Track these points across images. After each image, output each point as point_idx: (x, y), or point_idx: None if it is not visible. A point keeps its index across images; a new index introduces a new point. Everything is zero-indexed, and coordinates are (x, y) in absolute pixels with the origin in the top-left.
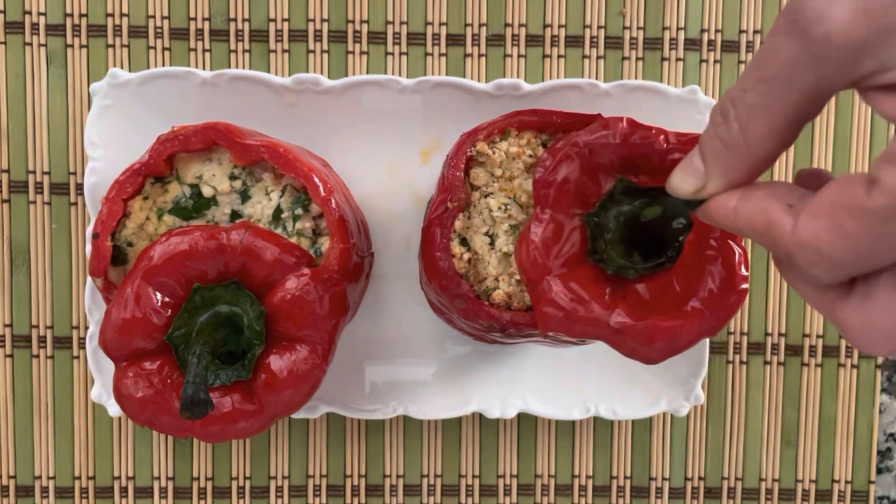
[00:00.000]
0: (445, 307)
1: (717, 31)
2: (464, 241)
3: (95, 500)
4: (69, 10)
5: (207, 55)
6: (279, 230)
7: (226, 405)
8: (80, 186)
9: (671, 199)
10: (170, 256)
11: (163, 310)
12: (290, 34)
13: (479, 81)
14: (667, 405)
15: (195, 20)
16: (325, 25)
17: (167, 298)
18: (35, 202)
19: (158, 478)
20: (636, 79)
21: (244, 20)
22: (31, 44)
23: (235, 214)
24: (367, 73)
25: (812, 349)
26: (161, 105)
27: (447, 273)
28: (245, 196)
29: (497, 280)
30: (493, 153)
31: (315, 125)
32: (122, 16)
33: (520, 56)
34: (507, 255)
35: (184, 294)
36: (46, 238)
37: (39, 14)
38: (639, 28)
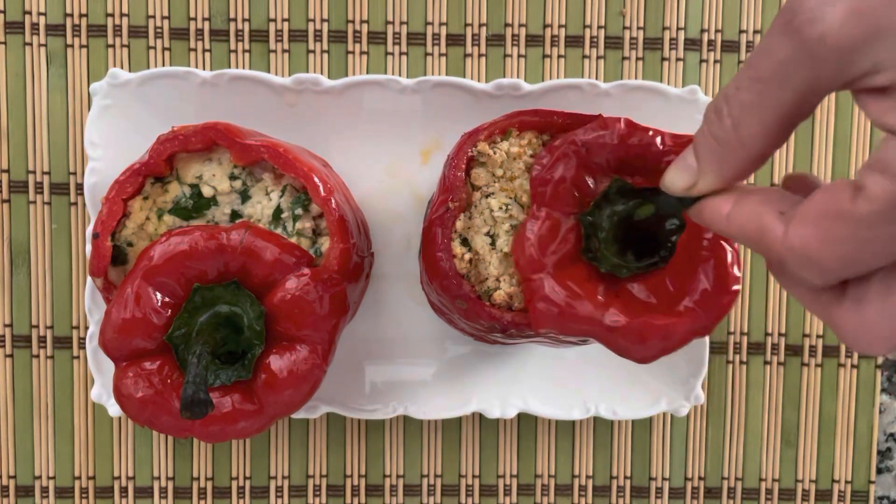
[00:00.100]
0: (446, 307)
1: (717, 31)
2: (465, 242)
3: (95, 500)
4: (69, 10)
5: (207, 55)
6: (279, 230)
7: (226, 405)
8: (80, 186)
9: (664, 199)
10: (170, 256)
11: (163, 310)
12: (290, 34)
13: (479, 81)
14: (667, 405)
15: (195, 20)
16: (325, 25)
17: (167, 298)
18: (35, 202)
19: (158, 478)
20: (636, 79)
21: (244, 20)
22: (31, 44)
23: (235, 214)
24: (367, 73)
25: (812, 349)
26: (161, 105)
27: (448, 273)
28: (245, 196)
29: (498, 280)
30: (495, 153)
31: (315, 125)
32: (122, 16)
33: (520, 56)
34: (509, 256)
35: (184, 294)
36: (46, 238)
37: (39, 14)
38: (639, 28)
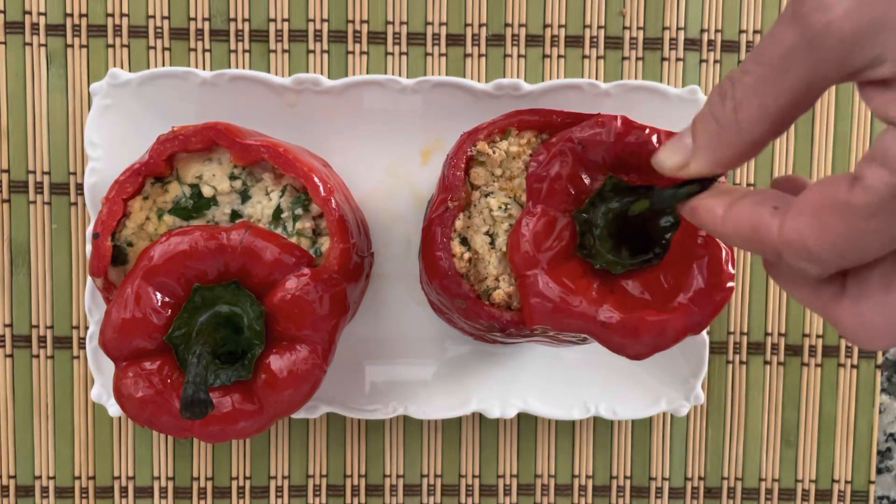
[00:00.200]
0: (446, 307)
1: (717, 31)
2: (464, 241)
3: (95, 500)
4: (69, 10)
5: (207, 55)
6: (279, 230)
7: (226, 405)
8: (80, 186)
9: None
10: (170, 256)
11: (163, 310)
12: (290, 34)
13: (479, 81)
14: (667, 405)
15: (195, 20)
16: (325, 25)
17: (167, 298)
18: (35, 202)
19: (158, 478)
20: (636, 79)
21: (244, 20)
22: (31, 44)
23: (235, 214)
24: (367, 73)
25: (812, 349)
26: (161, 105)
27: (448, 273)
28: (245, 196)
29: (497, 280)
30: (494, 153)
31: (315, 125)
32: (122, 16)
33: (520, 56)
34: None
35: (184, 294)
36: (46, 238)
37: (39, 14)
38: (639, 28)
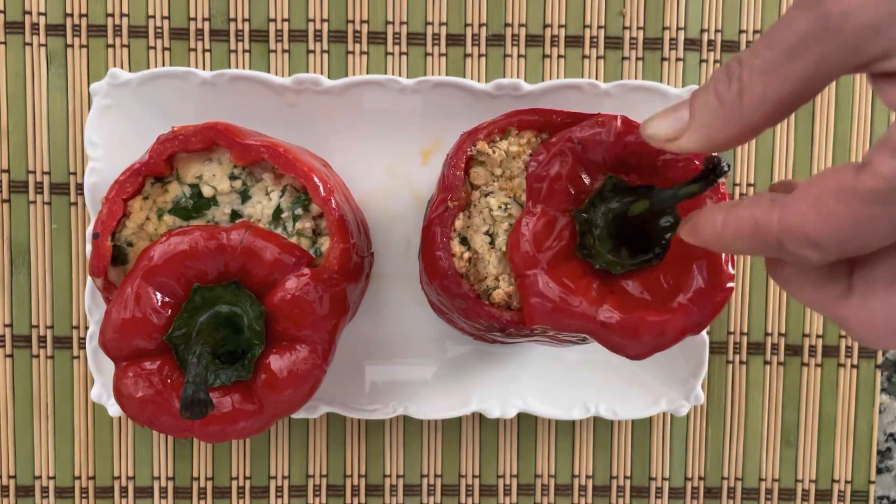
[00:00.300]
0: (446, 307)
1: (717, 31)
2: (464, 241)
3: (95, 500)
4: (69, 10)
5: (207, 55)
6: (279, 230)
7: (226, 405)
8: (80, 186)
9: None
10: (170, 256)
11: (163, 310)
12: (290, 34)
13: (479, 81)
14: (667, 405)
15: (195, 20)
16: (325, 25)
17: (167, 298)
18: (35, 202)
19: (158, 478)
20: (636, 79)
21: (244, 20)
22: (31, 44)
23: (235, 214)
24: (367, 73)
25: (812, 349)
26: (161, 105)
27: (447, 272)
28: (245, 196)
29: (497, 279)
30: (494, 152)
31: (315, 125)
32: (122, 16)
33: (520, 56)
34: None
35: (184, 294)
36: (46, 238)
37: (39, 14)
38: (639, 28)
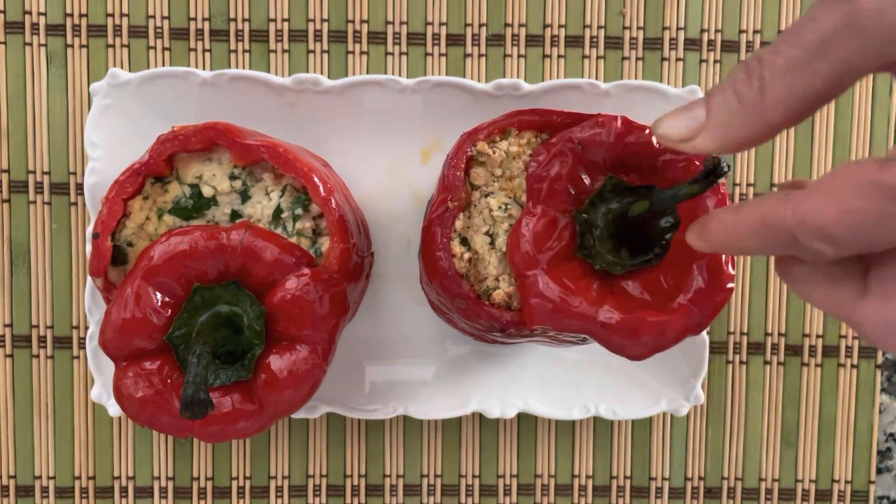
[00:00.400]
0: (446, 307)
1: (717, 31)
2: (464, 241)
3: (95, 500)
4: (69, 10)
5: (207, 55)
6: (279, 230)
7: (226, 405)
8: (80, 186)
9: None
10: (170, 256)
11: (163, 310)
12: (290, 34)
13: (479, 81)
14: (667, 405)
15: (195, 20)
16: (325, 25)
17: (167, 298)
18: (35, 202)
19: (158, 478)
20: (636, 79)
21: (244, 20)
22: (31, 44)
23: (235, 214)
24: (367, 73)
25: (812, 349)
26: (161, 105)
27: (448, 273)
28: (245, 196)
29: (497, 280)
30: (494, 153)
31: (315, 125)
32: (122, 16)
33: (520, 56)
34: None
35: (184, 294)
36: (46, 238)
37: (39, 14)
38: (639, 28)
